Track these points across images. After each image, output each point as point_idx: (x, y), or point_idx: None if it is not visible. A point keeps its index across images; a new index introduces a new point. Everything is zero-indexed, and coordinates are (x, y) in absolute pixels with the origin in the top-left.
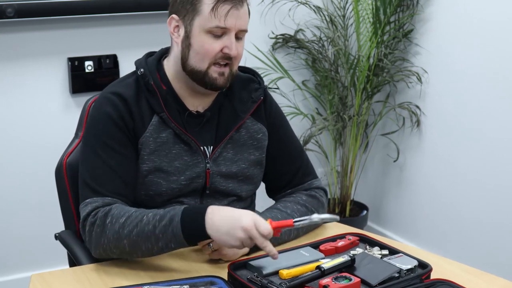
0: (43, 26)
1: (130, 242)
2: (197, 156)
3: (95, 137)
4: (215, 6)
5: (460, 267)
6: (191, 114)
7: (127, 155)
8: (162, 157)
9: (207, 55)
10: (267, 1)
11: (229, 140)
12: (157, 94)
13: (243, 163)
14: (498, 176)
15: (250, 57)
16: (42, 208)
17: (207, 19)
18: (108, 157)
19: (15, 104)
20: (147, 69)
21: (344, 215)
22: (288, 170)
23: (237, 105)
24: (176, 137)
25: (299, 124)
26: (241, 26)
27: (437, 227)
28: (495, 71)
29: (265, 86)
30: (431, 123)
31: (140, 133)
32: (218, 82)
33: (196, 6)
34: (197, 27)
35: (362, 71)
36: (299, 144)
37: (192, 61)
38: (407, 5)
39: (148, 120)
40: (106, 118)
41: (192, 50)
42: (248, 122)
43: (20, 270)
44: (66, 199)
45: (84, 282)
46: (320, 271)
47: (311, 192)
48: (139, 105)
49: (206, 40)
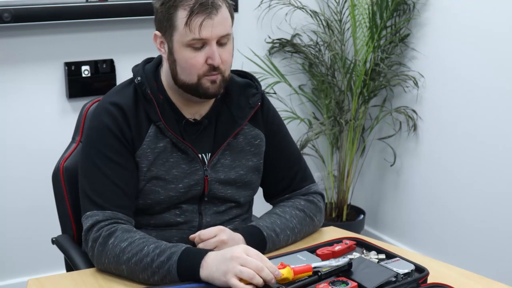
0: (40, 31)
1: (128, 268)
2: (195, 164)
3: (94, 148)
4: (188, 20)
5: (457, 271)
6: (188, 122)
7: (127, 166)
8: (160, 166)
9: (193, 69)
10: (263, 5)
11: (227, 146)
12: (153, 103)
13: (241, 170)
14: (494, 180)
15: (246, 61)
16: (39, 212)
17: (183, 33)
18: (108, 169)
19: (11, 108)
20: (144, 77)
21: (341, 219)
22: (286, 175)
23: (234, 111)
24: (173, 146)
25: (296, 129)
26: (219, 33)
27: (434, 231)
28: (491, 75)
29: (263, 91)
30: (427, 128)
31: (137, 144)
32: (211, 90)
33: (172, 22)
34: (177, 42)
35: (359, 76)
36: (296, 149)
37: (181, 76)
38: (403, 10)
39: (145, 130)
40: (105, 129)
41: (178, 66)
42: (246, 128)
43: (17, 275)
44: (63, 204)
45: (81, 286)
46: (317, 276)
47: (309, 197)
48: (137, 115)
49: (188, 54)
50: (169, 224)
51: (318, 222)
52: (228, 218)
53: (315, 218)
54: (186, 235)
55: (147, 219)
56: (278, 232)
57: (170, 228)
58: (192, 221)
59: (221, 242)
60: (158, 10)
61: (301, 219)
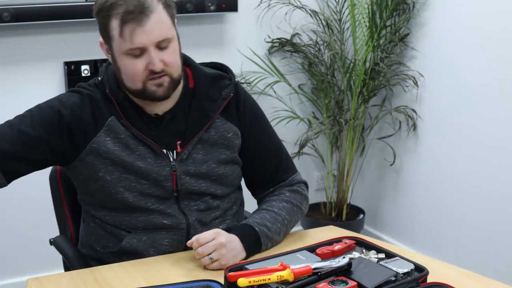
0: (40, 30)
1: None
2: (162, 160)
3: (36, 106)
4: (121, 30)
5: (457, 271)
6: (150, 118)
7: (33, 142)
8: (125, 157)
9: (136, 76)
10: (263, 5)
11: (199, 140)
12: (113, 102)
13: (213, 163)
14: (494, 179)
15: (246, 61)
16: (38, 212)
17: (119, 43)
18: (20, 123)
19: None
20: (106, 77)
21: (341, 218)
22: (267, 167)
23: (205, 104)
24: (137, 141)
25: (296, 128)
26: (155, 39)
27: (434, 231)
28: (491, 74)
29: (237, 82)
30: (427, 127)
31: (92, 134)
32: (158, 93)
33: (108, 32)
34: (116, 51)
35: (359, 75)
36: (278, 140)
37: (127, 82)
38: (403, 9)
39: (105, 120)
40: (55, 106)
41: (122, 73)
42: (218, 121)
43: (16, 275)
44: (61, 205)
45: (80, 286)
46: (316, 275)
47: (293, 188)
48: (97, 106)
49: (128, 62)
50: (156, 227)
51: (304, 209)
52: (214, 216)
53: (302, 206)
54: (176, 237)
55: (134, 223)
56: (269, 226)
57: (159, 231)
58: (179, 223)
59: (220, 244)
60: (96, 19)
61: (289, 210)
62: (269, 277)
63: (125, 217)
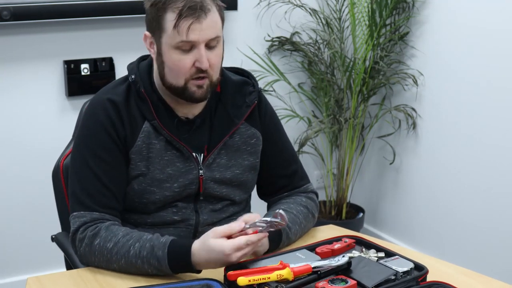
0: (39, 29)
1: (120, 268)
2: (190, 163)
3: (87, 148)
4: (177, 22)
5: (456, 269)
6: (180, 121)
7: (118, 166)
8: (155, 164)
9: (180, 72)
10: (263, 3)
11: (223, 146)
12: (147, 101)
13: (237, 169)
14: (494, 178)
15: (246, 59)
16: (39, 210)
17: (172, 35)
18: (98, 169)
19: (11, 107)
20: (138, 76)
21: (340, 217)
22: (284, 174)
23: (230, 110)
24: (168, 144)
25: (295, 127)
26: (208, 36)
27: (433, 229)
28: (490, 73)
29: (260, 89)
30: (427, 126)
31: (131, 142)
32: (197, 95)
33: (161, 24)
34: (165, 44)
35: (358, 74)
36: (292, 147)
37: (169, 78)
38: (403, 8)
39: (139, 128)
40: (99, 127)
41: (166, 67)
42: (242, 127)
43: (16, 273)
44: (63, 201)
45: (80, 285)
46: (316, 274)
47: (308, 195)
48: (131, 113)
49: (176, 57)
50: (166, 223)
51: (315, 220)
52: (225, 216)
53: (315, 215)
54: (183, 233)
55: (144, 217)
56: (290, 226)
57: (167, 227)
58: (189, 219)
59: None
60: (148, 11)
61: (305, 215)
62: (269, 276)
63: (135, 215)
